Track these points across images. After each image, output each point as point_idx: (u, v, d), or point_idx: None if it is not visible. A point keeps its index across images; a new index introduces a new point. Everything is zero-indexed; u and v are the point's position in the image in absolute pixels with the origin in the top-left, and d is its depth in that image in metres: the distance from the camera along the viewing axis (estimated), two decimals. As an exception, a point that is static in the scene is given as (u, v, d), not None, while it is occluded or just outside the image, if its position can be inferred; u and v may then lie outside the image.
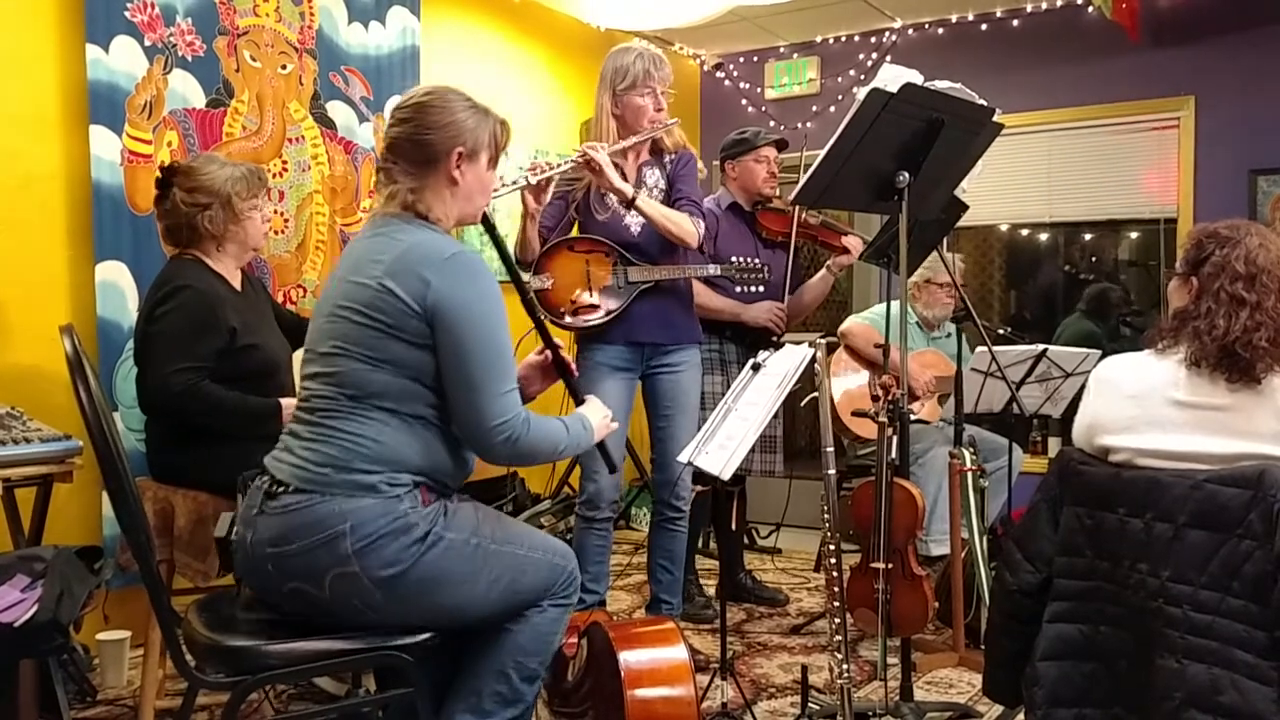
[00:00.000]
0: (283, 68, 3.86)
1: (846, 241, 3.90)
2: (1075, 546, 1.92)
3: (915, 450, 3.79)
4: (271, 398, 2.65)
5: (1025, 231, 5.98)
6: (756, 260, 3.50)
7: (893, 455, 2.89)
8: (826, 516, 2.54)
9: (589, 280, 3.19)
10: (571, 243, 3.23)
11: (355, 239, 2.10)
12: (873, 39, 5.70)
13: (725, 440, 2.45)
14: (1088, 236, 5.92)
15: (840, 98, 5.69)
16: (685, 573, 3.68)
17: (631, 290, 3.19)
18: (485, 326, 1.91)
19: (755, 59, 6.08)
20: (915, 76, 2.90)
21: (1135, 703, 1.83)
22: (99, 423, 1.81)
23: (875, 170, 2.82)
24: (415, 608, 1.91)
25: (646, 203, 3.14)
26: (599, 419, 2.21)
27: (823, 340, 2.60)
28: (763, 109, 6.00)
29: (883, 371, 3.06)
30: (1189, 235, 2.04)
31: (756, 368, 2.58)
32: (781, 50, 5.98)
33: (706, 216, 3.35)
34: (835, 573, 2.51)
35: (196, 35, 3.57)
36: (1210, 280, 1.93)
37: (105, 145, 3.30)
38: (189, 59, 3.55)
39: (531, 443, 1.97)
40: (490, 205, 2.17)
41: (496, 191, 2.50)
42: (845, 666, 2.47)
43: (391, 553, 1.85)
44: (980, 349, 3.58)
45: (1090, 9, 4.85)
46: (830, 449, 2.52)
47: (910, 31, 5.58)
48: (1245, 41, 4.79)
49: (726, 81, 6.15)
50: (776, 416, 3.20)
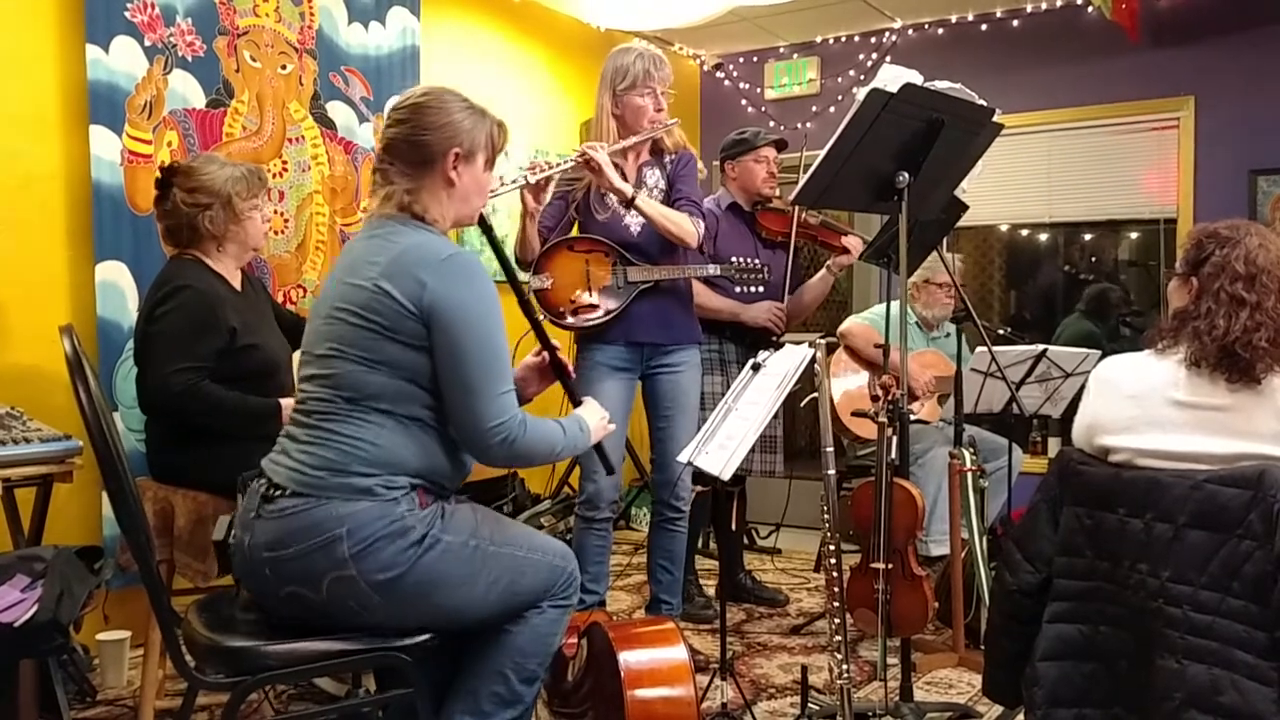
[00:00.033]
0: (283, 68, 3.86)
1: (846, 241, 3.90)
2: (1075, 547, 1.92)
3: (915, 450, 3.78)
4: (271, 398, 2.64)
5: (1025, 232, 5.98)
6: (756, 260, 3.50)
7: (892, 455, 2.88)
8: (826, 517, 2.54)
9: (589, 280, 3.18)
10: (571, 242, 3.23)
11: (352, 240, 2.10)
12: (873, 39, 5.69)
13: (725, 440, 2.45)
14: (1088, 237, 5.91)
15: (840, 98, 5.69)
16: (685, 573, 3.68)
17: (631, 290, 3.19)
18: (482, 328, 1.91)
19: (755, 59, 6.08)
20: (915, 77, 2.90)
21: (1135, 703, 1.83)
22: (99, 423, 1.81)
23: (875, 170, 2.82)
24: (413, 610, 1.90)
25: (646, 202, 3.14)
26: (596, 420, 2.20)
27: (822, 340, 2.59)
28: (763, 109, 6.00)
29: (882, 372, 3.05)
30: (1189, 235, 2.04)
31: (756, 368, 2.58)
32: (781, 50, 5.98)
33: (706, 217, 3.35)
34: (835, 573, 2.51)
35: (196, 35, 3.57)
36: (1210, 280, 1.93)
37: (105, 145, 3.30)
38: (189, 59, 3.55)
39: (528, 444, 1.96)
40: (489, 206, 2.16)
41: (495, 191, 2.50)
42: (845, 667, 2.47)
43: (388, 556, 1.85)
44: (980, 349, 3.58)
45: (1090, 9, 4.85)
46: (830, 449, 2.52)
47: (910, 32, 5.58)
48: (1245, 41, 4.79)
49: (726, 82, 6.15)
50: (776, 417, 3.20)
